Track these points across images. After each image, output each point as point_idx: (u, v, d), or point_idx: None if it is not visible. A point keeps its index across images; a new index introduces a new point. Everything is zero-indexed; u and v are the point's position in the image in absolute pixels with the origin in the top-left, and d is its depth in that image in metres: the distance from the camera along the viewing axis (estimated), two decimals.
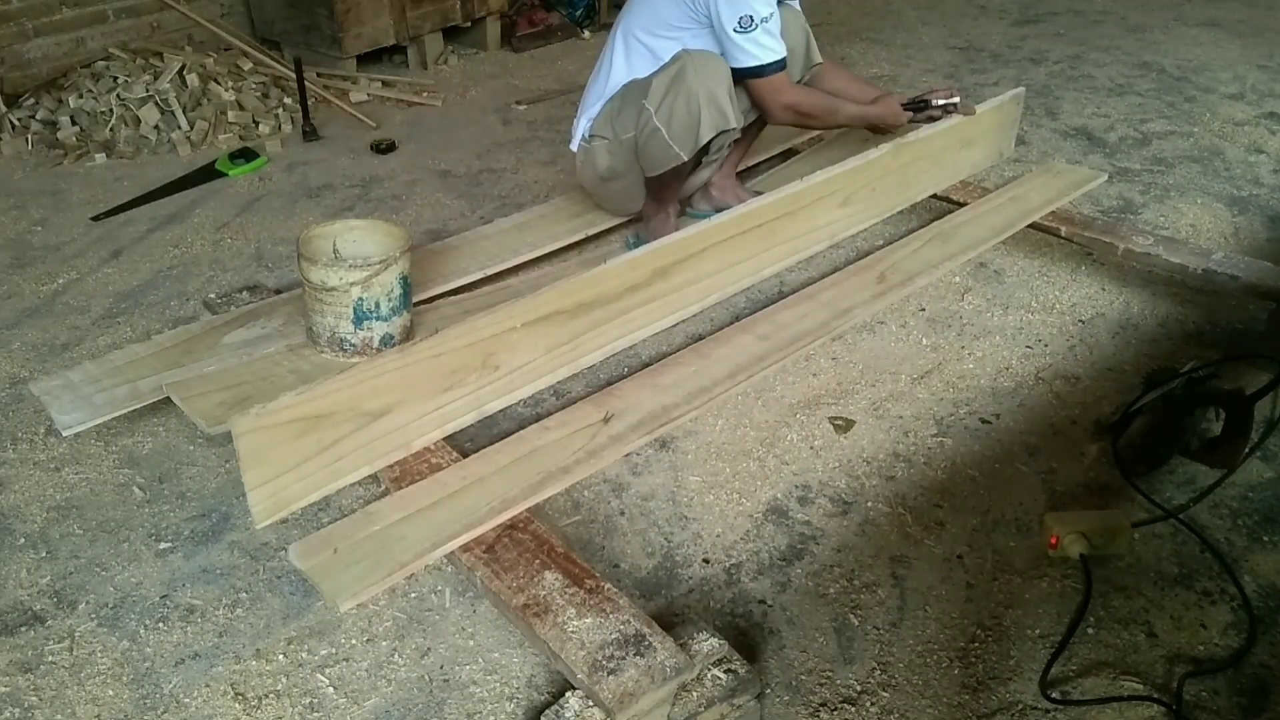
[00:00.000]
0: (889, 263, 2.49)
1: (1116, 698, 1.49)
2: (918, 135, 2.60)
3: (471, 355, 1.86)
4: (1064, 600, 1.67)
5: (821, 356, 2.31)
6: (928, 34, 4.82)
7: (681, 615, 1.63)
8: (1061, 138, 3.56)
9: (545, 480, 1.76)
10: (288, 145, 3.55)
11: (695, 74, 2.23)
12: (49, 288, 2.63)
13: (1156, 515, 1.82)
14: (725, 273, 2.30)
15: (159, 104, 3.55)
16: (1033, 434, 2.07)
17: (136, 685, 1.52)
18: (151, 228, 2.95)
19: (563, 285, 1.99)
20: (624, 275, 2.07)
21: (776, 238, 2.37)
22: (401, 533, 1.63)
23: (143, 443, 2.03)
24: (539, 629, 1.44)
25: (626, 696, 1.33)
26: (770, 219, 2.31)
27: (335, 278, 1.94)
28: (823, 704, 1.49)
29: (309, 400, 1.64)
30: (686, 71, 2.23)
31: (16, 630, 1.61)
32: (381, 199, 3.13)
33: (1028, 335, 2.40)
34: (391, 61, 4.39)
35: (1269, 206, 3.05)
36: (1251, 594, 1.67)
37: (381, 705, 1.49)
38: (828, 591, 1.69)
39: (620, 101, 2.39)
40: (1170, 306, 2.52)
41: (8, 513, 1.86)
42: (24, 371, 2.26)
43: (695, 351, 2.17)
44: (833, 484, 1.93)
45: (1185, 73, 4.23)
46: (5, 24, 3.65)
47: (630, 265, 2.08)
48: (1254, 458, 1.95)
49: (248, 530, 1.80)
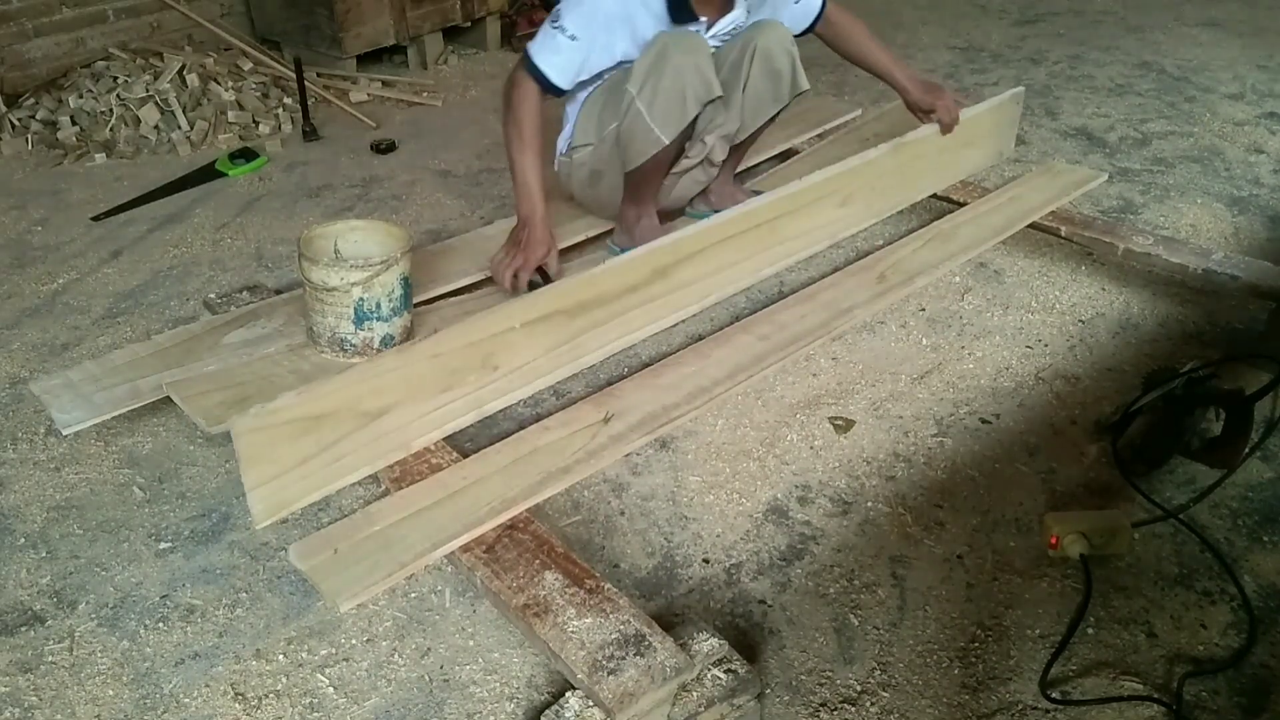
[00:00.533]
0: (889, 263, 2.49)
1: (1116, 698, 1.49)
2: (917, 135, 2.60)
3: (471, 355, 1.86)
4: (1064, 600, 1.67)
5: (821, 356, 2.31)
6: (928, 34, 4.82)
7: (681, 615, 1.63)
8: (1061, 138, 3.56)
9: (545, 480, 1.76)
10: (288, 145, 3.55)
11: (677, 49, 2.17)
12: (49, 288, 2.63)
13: (1156, 515, 1.82)
14: (725, 272, 2.29)
15: (159, 104, 3.55)
16: (1033, 434, 2.07)
17: (136, 685, 1.52)
18: (151, 228, 2.95)
19: (562, 285, 1.99)
20: (624, 275, 2.07)
21: (776, 237, 2.36)
22: (401, 533, 1.63)
23: (143, 443, 2.03)
24: (539, 629, 1.44)
25: (626, 696, 1.33)
26: (770, 219, 2.31)
27: (336, 278, 1.94)
28: (823, 704, 1.49)
29: (309, 401, 1.64)
30: (668, 48, 2.17)
31: (16, 630, 1.61)
32: (381, 199, 3.13)
33: (1028, 335, 2.40)
34: (391, 61, 4.39)
35: (1269, 206, 3.05)
36: (1251, 594, 1.67)
37: (381, 705, 1.49)
38: (828, 591, 1.69)
39: (604, 95, 2.34)
40: (1170, 306, 2.52)
41: (8, 513, 1.86)
42: (24, 371, 2.26)
43: (695, 351, 2.17)
44: (833, 484, 1.93)
45: (1185, 73, 4.24)
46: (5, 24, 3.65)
47: (630, 265, 2.08)
48: (1254, 458, 1.95)
49: (248, 530, 1.80)
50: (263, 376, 1.96)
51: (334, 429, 1.69)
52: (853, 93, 3.98)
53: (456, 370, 1.84)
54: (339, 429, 1.70)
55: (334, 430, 1.69)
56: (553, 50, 2.17)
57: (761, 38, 2.31)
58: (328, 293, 1.96)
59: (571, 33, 2.15)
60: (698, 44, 2.21)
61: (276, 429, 1.61)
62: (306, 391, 1.63)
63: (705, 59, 2.21)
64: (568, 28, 2.15)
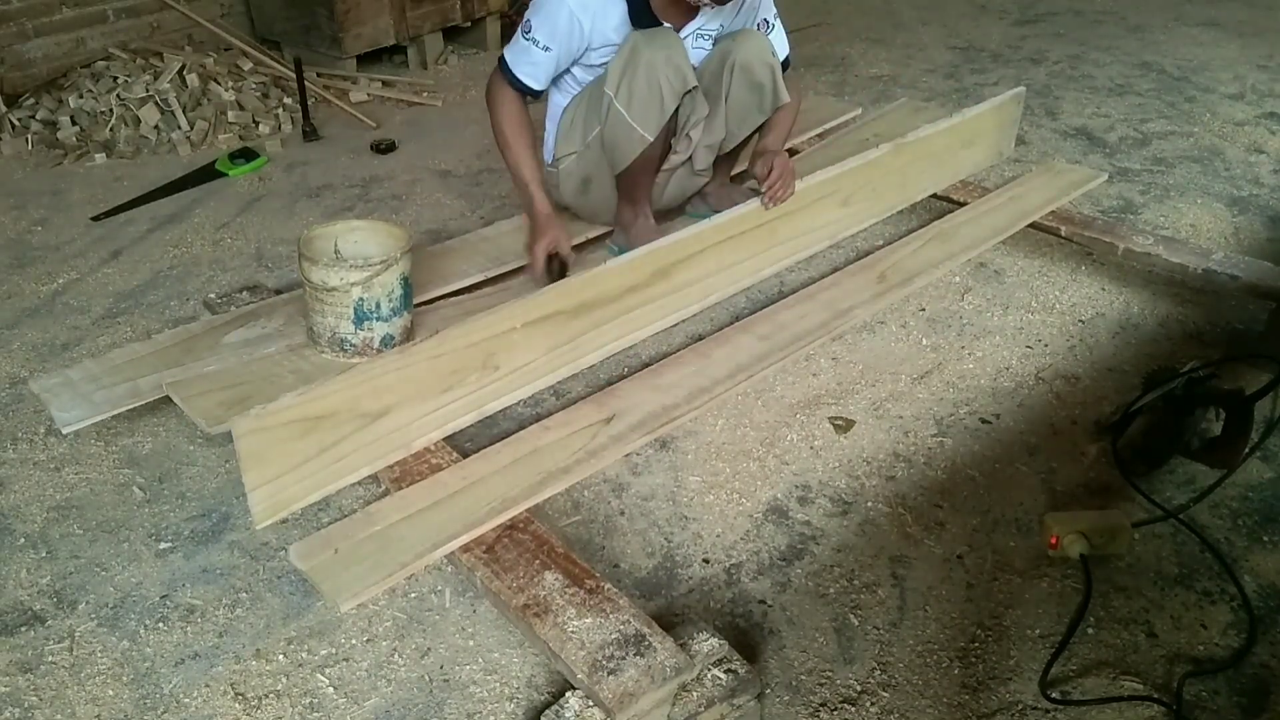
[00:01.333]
0: (889, 262, 2.49)
1: (1116, 698, 1.50)
2: (917, 135, 2.60)
3: (471, 356, 1.86)
4: (1064, 600, 1.67)
5: (821, 356, 2.31)
6: (928, 34, 4.83)
7: (681, 615, 1.63)
8: (1061, 138, 3.56)
9: (545, 480, 1.76)
10: (288, 145, 3.55)
11: (648, 46, 2.18)
12: (49, 288, 2.63)
13: (1156, 515, 1.82)
14: (725, 272, 2.29)
15: (159, 104, 3.55)
16: (1033, 434, 2.07)
17: (136, 685, 1.52)
18: (151, 228, 2.95)
19: (563, 285, 1.99)
20: (624, 276, 2.07)
21: (776, 238, 2.37)
22: (402, 533, 1.63)
23: (143, 443, 2.03)
24: (539, 629, 1.44)
25: (626, 696, 1.33)
26: (770, 219, 2.31)
27: (336, 278, 1.94)
28: (823, 704, 1.49)
29: (309, 401, 1.64)
30: (639, 46, 2.18)
31: (16, 630, 1.61)
32: (381, 199, 3.13)
33: (1028, 335, 2.40)
34: (391, 61, 4.39)
35: (1269, 206, 3.05)
36: (1251, 594, 1.67)
37: (381, 705, 1.49)
38: (828, 591, 1.69)
39: (582, 101, 2.36)
40: (1170, 306, 2.52)
41: (8, 513, 1.86)
42: (24, 371, 2.26)
43: (695, 351, 2.17)
44: (833, 484, 1.93)
45: (1185, 73, 4.24)
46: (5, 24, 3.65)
47: (630, 266, 2.08)
48: (1254, 458, 1.95)
49: (248, 530, 1.80)
50: (263, 376, 1.96)
51: (334, 430, 1.69)
52: (853, 93, 3.99)
53: (457, 370, 1.85)
54: (339, 430, 1.70)
55: (334, 431, 1.69)
56: (528, 61, 2.24)
57: (741, 50, 2.31)
58: (328, 293, 1.96)
59: (544, 44, 2.21)
60: (669, 39, 2.22)
61: (277, 429, 1.61)
62: (307, 392, 1.63)
63: (678, 51, 2.22)
64: (540, 39, 2.21)
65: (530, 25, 2.21)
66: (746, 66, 2.30)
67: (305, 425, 1.64)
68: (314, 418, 1.65)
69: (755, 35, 2.34)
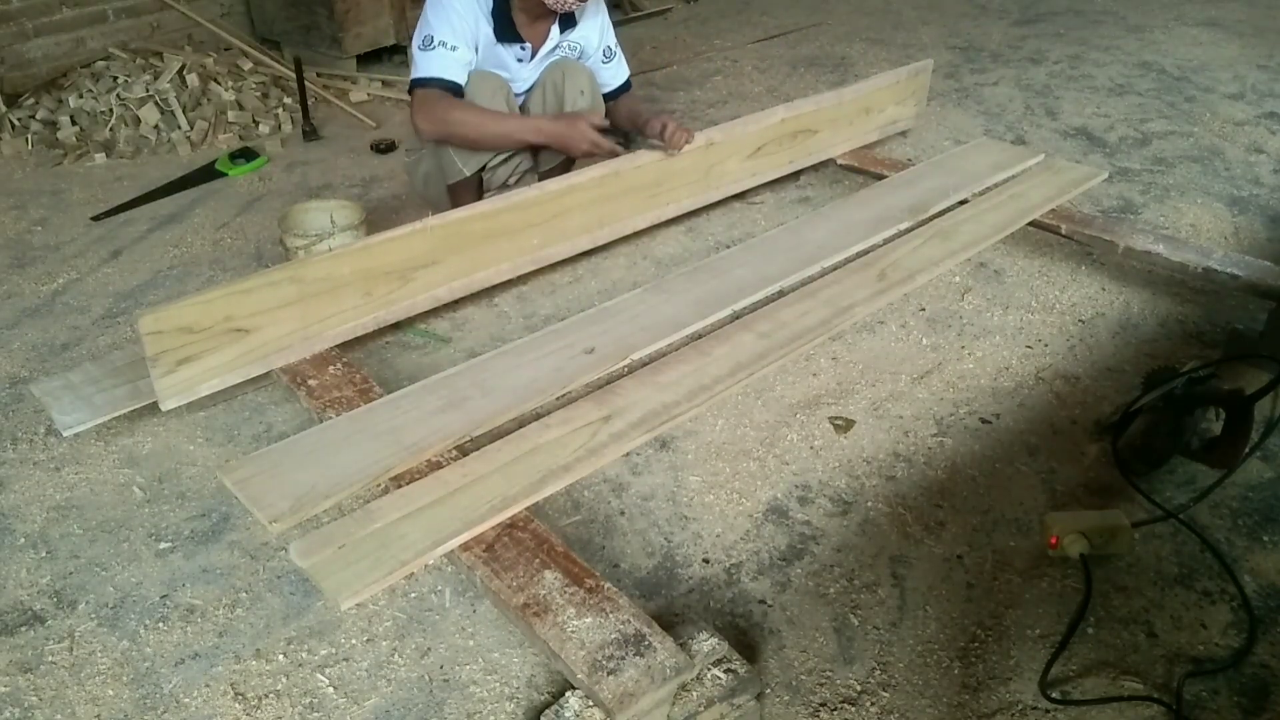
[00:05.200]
0: (889, 260, 2.49)
1: (1116, 698, 1.49)
2: (806, 103, 2.94)
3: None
4: (1064, 600, 1.67)
5: (821, 356, 2.31)
6: (928, 34, 4.83)
7: (681, 615, 1.63)
8: (1061, 137, 3.56)
9: (546, 478, 1.76)
10: (288, 145, 3.55)
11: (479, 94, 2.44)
12: (49, 288, 2.63)
13: (1156, 515, 1.82)
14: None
15: (159, 104, 3.55)
16: (1033, 434, 2.07)
17: (136, 685, 1.52)
18: (151, 228, 2.95)
19: (482, 204, 2.33)
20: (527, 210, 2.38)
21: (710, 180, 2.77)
22: (402, 531, 1.63)
23: (143, 443, 2.03)
24: (539, 629, 1.44)
25: (626, 696, 1.33)
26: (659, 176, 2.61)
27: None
28: (823, 704, 1.49)
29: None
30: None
31: (16, 630, 1.61)
32: (382, 198, 3.13)
33: (1028, 335, 2.40)
34: (391, 61, 4.39)
35: (1269, 206, 3.05)
36: (1251, 594, 1.67)
37: (381, 705, 1.49)
38: (828, 591, 1.69)
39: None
40: (1170, 306, 2.52)
41: (8, 513, 1.86)
42: (24, 371, 2.26)
43: (695, 349, 2.17)
44: (833, 484, 1.93)
45: (1185, 73, 4.24)
46: (5, 24, 3.66)
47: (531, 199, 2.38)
48: (1254, 458, 1.95)
49: (248, 530, 1.80)
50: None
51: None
52: None
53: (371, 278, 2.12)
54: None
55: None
56: (440, 64, 2.38)
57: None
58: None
59: (451, 44, 2.36)
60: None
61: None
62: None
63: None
64: (446, 41, 2.36)
65: (427, 39, 2.37)
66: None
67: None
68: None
69: (579, 67, 2.62)
